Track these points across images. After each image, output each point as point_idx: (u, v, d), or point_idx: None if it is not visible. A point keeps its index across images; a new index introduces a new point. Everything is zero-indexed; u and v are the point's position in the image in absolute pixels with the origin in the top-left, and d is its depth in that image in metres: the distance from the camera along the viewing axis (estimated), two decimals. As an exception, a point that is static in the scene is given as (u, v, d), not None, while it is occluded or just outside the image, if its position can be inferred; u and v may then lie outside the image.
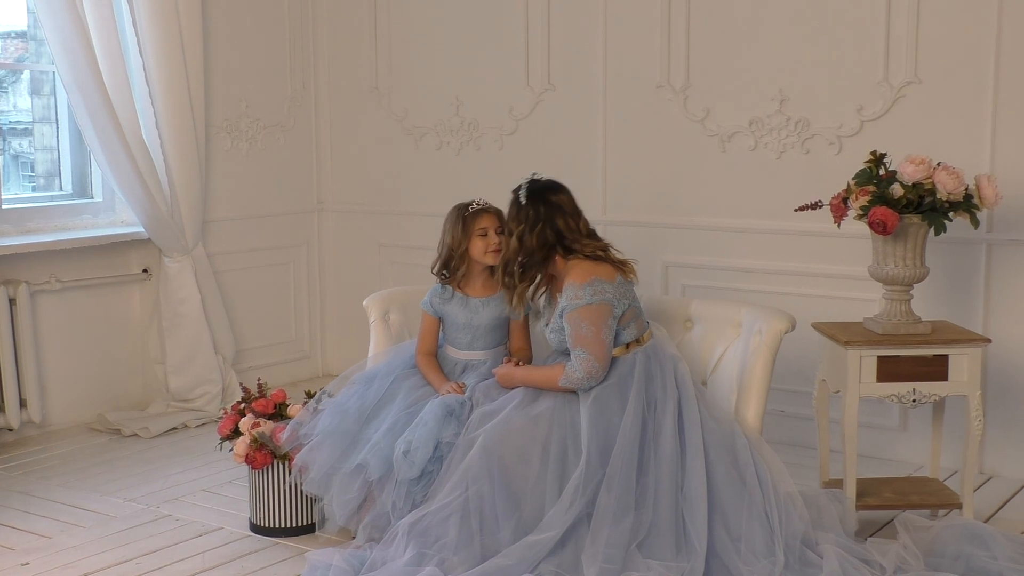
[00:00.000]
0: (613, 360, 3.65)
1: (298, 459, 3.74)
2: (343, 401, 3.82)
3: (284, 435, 3.79)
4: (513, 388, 3.73)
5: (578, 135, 5.26)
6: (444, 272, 3.98)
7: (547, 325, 3.79)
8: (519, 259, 3.75)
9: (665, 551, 3.35)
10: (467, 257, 3.93)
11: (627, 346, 3.69)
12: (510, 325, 4.00)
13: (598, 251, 3.72)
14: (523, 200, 3.75)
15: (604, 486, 3.41)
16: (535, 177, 3.82)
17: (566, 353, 3.70)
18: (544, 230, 3.72)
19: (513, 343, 4.01)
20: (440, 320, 3.99)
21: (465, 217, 3.93)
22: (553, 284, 3.80)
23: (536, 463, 3.48)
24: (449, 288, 3.96)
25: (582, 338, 3.60)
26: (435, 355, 3.99)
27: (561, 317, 3.67)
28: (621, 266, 3.73)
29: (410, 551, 3.37)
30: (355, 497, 3.64)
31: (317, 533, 3.95)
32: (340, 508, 3.67)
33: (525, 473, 3.46)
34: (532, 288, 3.83)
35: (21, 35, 5.54)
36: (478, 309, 3.94)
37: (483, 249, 3.90)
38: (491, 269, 3.93)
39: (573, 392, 3.63)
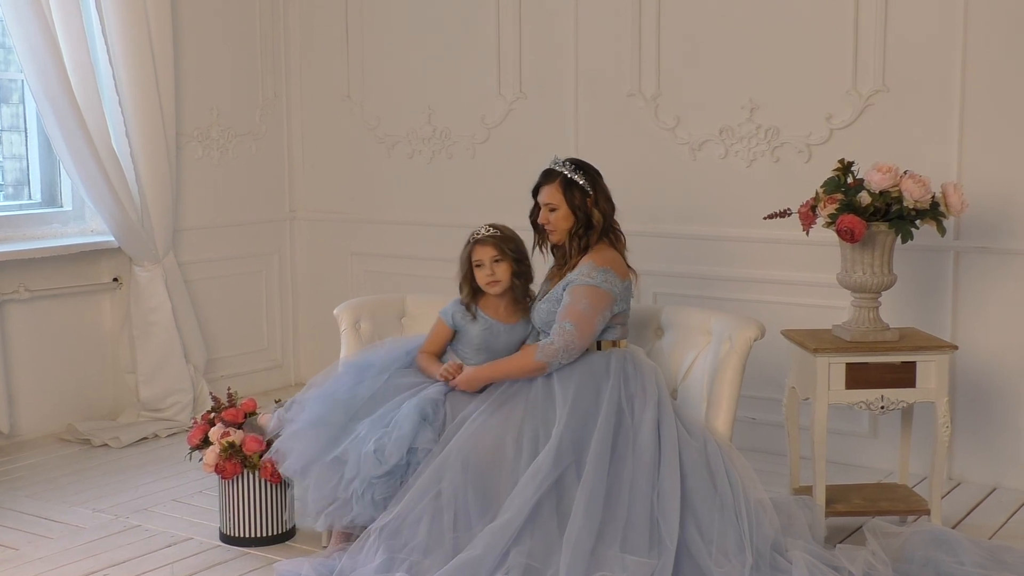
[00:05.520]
0: (587, 354, 3.68)
1: (279, 444, 3.68)
2: (333, 390, 3.75)
3: (271, 422, 3.76)
4: (480, 389, 3.71)
5: (549, 143, 5.24)
6: (464, 291, 3.91)
7: (542, 298, 3.81)
8: (577, 230, 3.76)
9: (639, 546, 3.36)
10: (470, 284, 3.89)
11: (600, 344, 3.72)
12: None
13: (620, 247, 3.81)
14: (578, 178, 3.77)
15: (582, 476, 3.42)
16: (565, 159, 3.86)
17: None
18: (605, 206, 3.79)
19: None
20: (453, 333, 3.91)
21: (467, 245, 3.89)
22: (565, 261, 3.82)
23: (510, 457, 3.48)
24: (476, 308, 3.88)
25: (576, 312, 3.62)
26: (439, 357, 3.93)
27: (564, 289, 3.69)
28: (632, 272, 3.80)
29: (380, 555, 3.35)
30: (328, 495, 3.57)
31: (287, 543, 3.93)
32: (315, 503, 3.60)
33: (499, 467, 3.47)
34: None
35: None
36: (499, 334, 3.86)
37: (482, 280, 3.86)
38: (512, 295, 3.88)
39: (548, 389, 3.63)
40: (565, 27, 5.26)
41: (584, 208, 3.77)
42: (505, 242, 3.85)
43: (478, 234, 3.88)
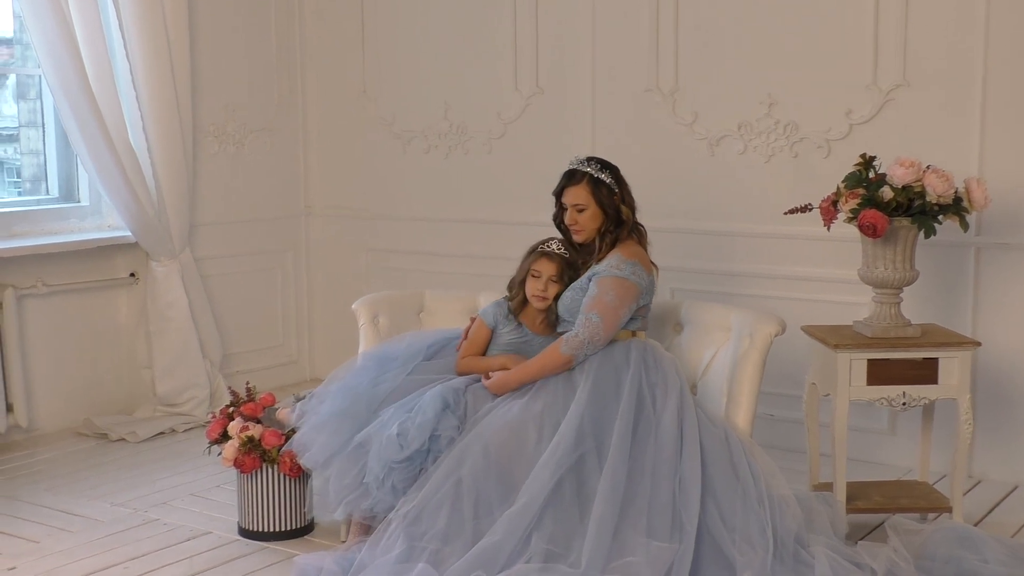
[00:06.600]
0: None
1: (300, 435, 3.67)
2: (354, 383, 3.74)
3: (294, 415, 3.75)
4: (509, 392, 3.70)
5: (566, 139, 5.25)
6: (510, 292, 3.90)
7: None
8: (608, 228, 3.80)
9: (662, 532, 3.35)
10: (524, 290, 3.88)
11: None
12: None
13: (645, 242, 3.85)
14: (604, 177, 3.79)
15: (603, 462, 3.41)
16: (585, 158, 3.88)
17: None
18: (631, 201, 3.83)
19: None
20: (491, 333, 3.89)
21: (532, 251, 3.88)
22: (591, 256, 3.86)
23: (531, 444, 3.48)
24: (516, 318, 3.86)
25: (603, 304, 3.63)
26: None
27: (590, 279, 3.71)
28: (654, 267, 3.83)
29: (400, 545, 3.33)
30: (351, 485, 3.54)
31: (306, 537, 3.93)
32: (336, 494, 3.58)
33: (520, 454, 3.46)
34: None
35: (7, 41, 5.52)
36: (530, 344, 3.84)
37: (531, 290, 3.84)
38: (547, 312, 3.86)
39: (569, 376, 3.63)
40: (582, 22, 5.24)
41: (613, 205, 3.79)
42: (569, 267, 3.85)
43: (548, 246, 3.86)
